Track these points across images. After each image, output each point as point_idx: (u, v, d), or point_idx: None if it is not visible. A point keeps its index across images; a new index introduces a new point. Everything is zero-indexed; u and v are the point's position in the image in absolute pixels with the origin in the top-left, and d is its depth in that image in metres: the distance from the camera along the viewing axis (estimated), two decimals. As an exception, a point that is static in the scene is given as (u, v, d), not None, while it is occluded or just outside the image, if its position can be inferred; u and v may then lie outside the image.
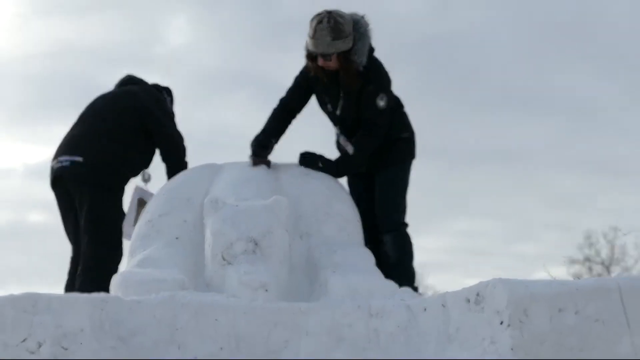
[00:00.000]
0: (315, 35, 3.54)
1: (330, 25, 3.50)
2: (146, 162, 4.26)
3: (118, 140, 4.14)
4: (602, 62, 30.94)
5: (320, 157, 3.82)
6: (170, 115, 4.38)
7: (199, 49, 30.54)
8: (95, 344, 2.83)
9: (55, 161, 4.13)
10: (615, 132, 31.06)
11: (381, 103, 3.69)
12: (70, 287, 4.04)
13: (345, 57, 3.57)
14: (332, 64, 3.61)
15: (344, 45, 3.56)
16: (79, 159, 4.06)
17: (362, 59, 3.61)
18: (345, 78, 3.66)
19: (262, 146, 3.83)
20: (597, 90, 30.74)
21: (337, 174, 3.84)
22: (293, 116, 3.97)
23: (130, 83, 4.44)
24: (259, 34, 30.58)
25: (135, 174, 4.11)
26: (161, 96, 4.40)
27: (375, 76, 3.72)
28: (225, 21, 30.17)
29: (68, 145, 4.15)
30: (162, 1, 30.15)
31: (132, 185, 4.27)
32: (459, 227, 31.62)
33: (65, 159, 4.08)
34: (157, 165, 4.44)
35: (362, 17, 3.67)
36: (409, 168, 4.00)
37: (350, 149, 3.80)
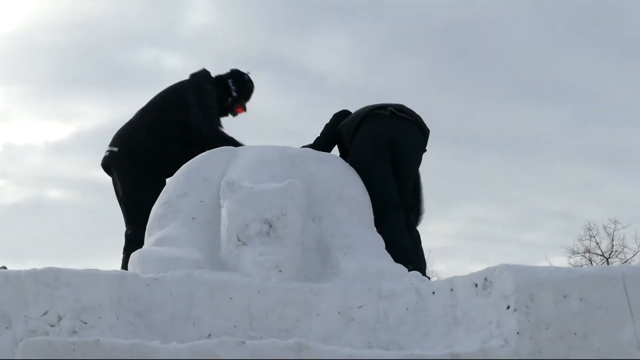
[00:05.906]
0: None
1: None
2: (186, 150, 4.31)
3: (156, 131, 4.46)
4: (618, 50, 30.32)
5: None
6: (207, 110, 4.47)
7: (221, 30, 29.66)
8: (113, 319, 2.87)
9: (106, 150, 4.61)
10: (626, 122, 30.46)
11: None
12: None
13: None
14: None
15: None
16: (115, 149, 4.52)
17: None
18: None
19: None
20: (611, 79, 30.06)
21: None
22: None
23: (196, 75, 4.65)
24: (282, 16, 29.50)
25: (177, 160, 4.12)
26: (206, 89, 4.53)
27: None
28: (248, 2, 29.43)
29: (114, 137, 4.64)
30: (183, -21, 27.13)
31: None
32: (465, 213, 30.91)
33: (108, 149, 4.58)
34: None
35: None
36: None
37: None
